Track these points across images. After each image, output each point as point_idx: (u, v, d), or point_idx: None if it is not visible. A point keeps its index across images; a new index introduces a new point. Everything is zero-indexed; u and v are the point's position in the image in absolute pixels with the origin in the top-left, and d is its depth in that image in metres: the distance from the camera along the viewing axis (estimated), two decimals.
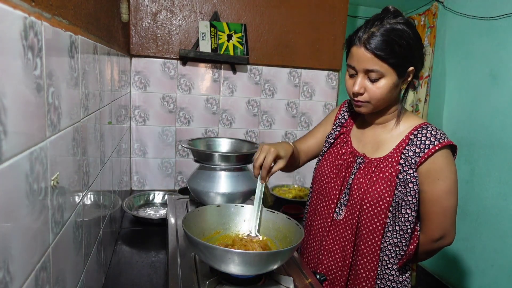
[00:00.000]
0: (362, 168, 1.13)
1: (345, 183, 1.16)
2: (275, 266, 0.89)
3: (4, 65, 0.46)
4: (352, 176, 1.14)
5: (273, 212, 1.10)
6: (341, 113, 1.30)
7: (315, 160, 1.40)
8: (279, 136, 2.28)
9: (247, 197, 1.34)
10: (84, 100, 0.87)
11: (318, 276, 1.04)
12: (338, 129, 1.27)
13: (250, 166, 1.40)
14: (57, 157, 0.66)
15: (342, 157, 1.20)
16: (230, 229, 1.10)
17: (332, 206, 1.18)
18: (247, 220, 1.10)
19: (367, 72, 1.04)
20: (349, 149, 1.20)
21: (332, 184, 1.19)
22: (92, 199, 0.99)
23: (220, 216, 1.10)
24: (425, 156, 1.05)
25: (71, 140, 0.75)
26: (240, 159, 1.32)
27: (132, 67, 2.00)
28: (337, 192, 1.17)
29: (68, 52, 0.73)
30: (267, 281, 0.95)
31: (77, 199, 0.82)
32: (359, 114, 1.26)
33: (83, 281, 0.90)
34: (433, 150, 1.04)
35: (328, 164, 1.22)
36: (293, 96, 2.26)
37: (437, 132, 1.07)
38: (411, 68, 1.06)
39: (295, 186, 2.33)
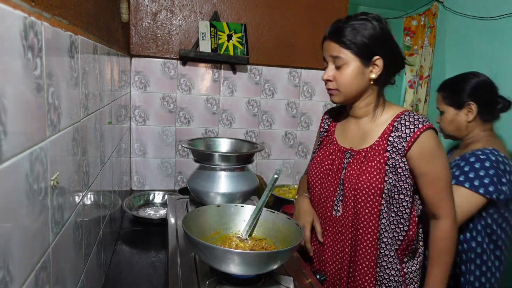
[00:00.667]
0: (352, 161, 1.17)
1: (337, 179, 1.20)
2: (275, 266, 0.89)
3: (4, 65, 0.46)
4: (343, 171, 1.18)
5: (273, 212, 1.09)
6: (324, 121, 1.38)
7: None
8: (279, 136, 2.28)
9: (247, 197, 1.34)
10: (84, 100, 0.87)
11: (318, 276, 1.04)
12: (324, 134, 1.34)
13: (250, 166, 1.40)
14: (57, 157, 0.66)
15: (330, 156, 1.24)
16: (230, 229, 1.10)
17: (328, 204, 1.22)
18: (246, 221, 1.11)
19: (333, 60, 1.13)
20: (336, 148, 1.24)
21: (326, 184, 1.22)
22: (92, 199, 0.99)
23: (220, 216, 1.10)
24: (412, 140, 1.09)
25: (71, 140, 0.75)
26: (240, 159, 1.32)
27: (132, 67, 2.00)
28: (331, 190, 1.21)
29: (68, 52, 0.73)
30: (267, 281, 0.95)
31: (77, 199, 0.82)
32: (341, 116, 1.31)
33: (83, 281, 0.90)
34: (418, 133, 1.09)
35: (317, 166, 1.27)
36: (293, 96, 2.26)
37: (419, 117, 1.12)
38: (376, 57, 1.10)
39: (295, 186, 2.33)
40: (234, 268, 0.84)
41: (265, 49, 2.15)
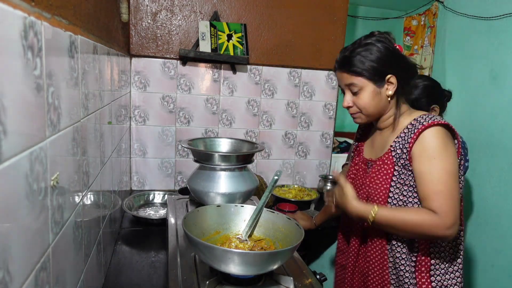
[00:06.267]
0: (371, 170, 1.23)
1: (361, 187, 1.26)
2: (275, 266, 0.89)
3: (4, 65, 0.46)
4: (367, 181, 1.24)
5: (273, 212, 1.09)
6: (358, 131, 1.43)
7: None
8: (279, 136, 2.28)
9: (247, 197, 1.34)
10: (84, 100, 0.87)
11: (318, 276, 1.04)
12: (356, 144, 1.41)
13: (250, 166, 1.40)
14: (57, 157, 0.66)
15: (355, 166, 1.32)
16: (230, 229, 1.10)
17: None
18: (246, 221, 1.10)
19: (349, 87, 1.18)
20: (361, 159, 1.31)
21: None
22: (92, 199, 0.99)
23: (220, 216, 1.10)
24: (413, 140, 1.10)
25: (71, 140, 0.75)
26: (240, 159, 1.32)
27: (132, 67, 2.00)
28: None
29: (68, 52, 0.73)
30: (267, 281, 0.95)
31: (77, 199, 0.82)
32: (372, 126, 1.36)
33: (83, 281, 0.90)
34: (419, 131, 1.09)
35: (348, 173, 1.35)
36: (293, 96, 2.26)
37: (424, 119, 1.11)
38: (388, 76, 1.14)
39: (295, 186, 2.33)
40: (234, 268, 0.84)
41: (265, 49, 2.15)
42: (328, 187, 2.28)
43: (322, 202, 2.20)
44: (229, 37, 2.05)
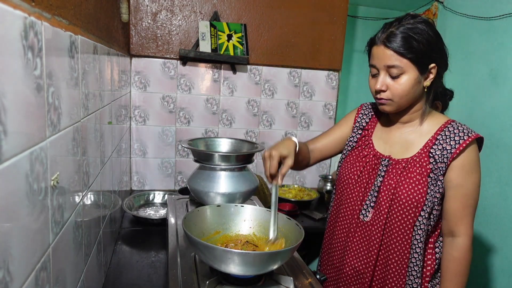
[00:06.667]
0: (390, 169, 1.14)
1: (370, 185, 1.17)
2: (275, 266, 0.89)
3: (4, 65, 0.46)
4: (380, 179, 1.15)
5: None
6: (360, 116, 1.31)
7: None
8: (279, 136, 2.28)
9: (247, 197, 1.34)
10: (84, 100, 0.87)
11: (318, 276, 1.04)
12: (359, 132, 1.28)
13: (250, 166, 1.40)
14: (57, 157, 0.66)
15: (363, 159, 1.21)
16: (230, 229, 1.10)
17: (356, 207, 1.19)
18: (246, 221, 1.10)
19: (388, 69, 1.07)
20: (371, 152, 1.21)
21: (354, 186, 1.20)
22: (92, 199, 0.99)
23: (220, 216, 1.10)
24: (457, 152, 1.07)
25: (71, 140, 0.75)
26: (240, 159, 1.32)
27: (132, 67, 2.00)
28: (360, 194, 1.19)
29: (68, 52, 0.73)
30: (267, 281, 0.95)
31: (77, 199, 0.82)
32: (381, 116, 1.27)
33: (83, 281, 0.90)
34: (464, 145, 1.06)
35: (349, 166, 1.24)
36: (293, 96, 2.26)
37: (463, 128, 1.10)
38: (432, 65, 1.07)
39: (295, 186, 2.33)
40: (234, 268, 0.84)
41: (265, 49, 2.15)
42: (328, 187, 2.28)
43: (323, 202, 2.21)
44: (229, 37, 2.05)
